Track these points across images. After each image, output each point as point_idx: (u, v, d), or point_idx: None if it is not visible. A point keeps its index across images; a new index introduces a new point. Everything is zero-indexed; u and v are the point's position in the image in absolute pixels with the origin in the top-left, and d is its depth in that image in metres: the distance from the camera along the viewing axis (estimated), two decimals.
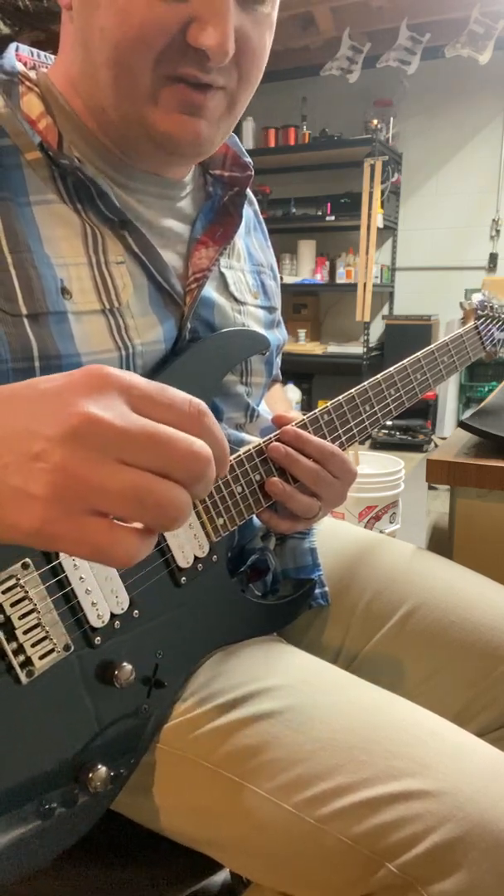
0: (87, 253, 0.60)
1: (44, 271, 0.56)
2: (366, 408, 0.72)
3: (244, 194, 0.73)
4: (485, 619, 0.72)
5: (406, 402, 0.75)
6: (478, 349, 0.86)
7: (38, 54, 0.69)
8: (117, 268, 0.61)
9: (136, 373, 0.60)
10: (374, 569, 0.79)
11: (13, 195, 0.57)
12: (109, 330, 0.59)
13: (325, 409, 0.69)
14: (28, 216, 0.57)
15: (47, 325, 0.56)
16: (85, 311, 0.58)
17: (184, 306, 0.65)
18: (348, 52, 4.08)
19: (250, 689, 0.59)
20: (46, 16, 2.95)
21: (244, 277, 0.76)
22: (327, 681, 0.62)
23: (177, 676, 0.60)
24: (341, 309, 4.95)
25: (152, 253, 0.63)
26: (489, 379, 4.34)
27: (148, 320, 0.62)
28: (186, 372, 0.64)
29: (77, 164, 0.58)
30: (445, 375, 0.79)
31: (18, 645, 0.49)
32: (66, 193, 0.60)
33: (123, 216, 0.61)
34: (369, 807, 0.52)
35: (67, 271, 0.58)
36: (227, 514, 0.63)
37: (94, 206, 0.60)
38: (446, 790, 0.51)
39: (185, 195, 0.70)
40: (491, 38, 3.74)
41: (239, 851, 0.58)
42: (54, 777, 0.52)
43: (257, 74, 0.62)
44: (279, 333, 0.82)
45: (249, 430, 0.74)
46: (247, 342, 0.70)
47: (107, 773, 0.53)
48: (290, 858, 0.54)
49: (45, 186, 0.59)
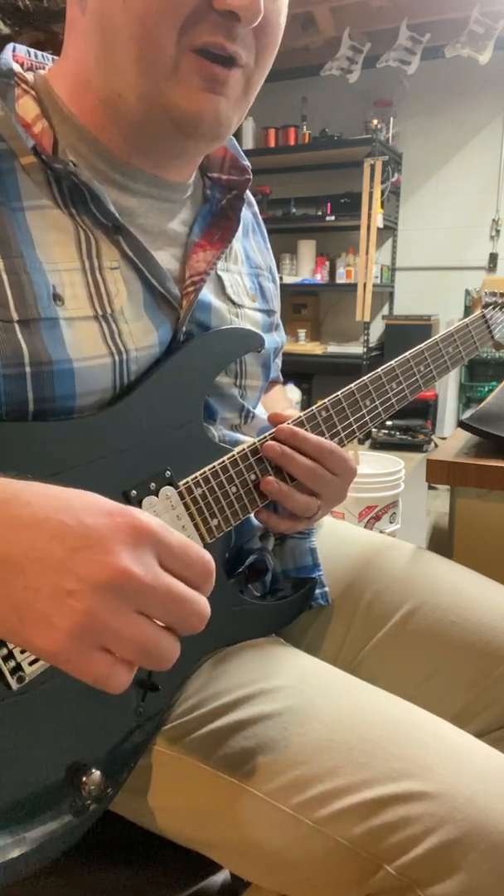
0: (81, 258, 0.59)
1: (36, 277, 0.56)
2: (366, 402, 0.70)
3: (242, 198, 0.73)
4: (485, 620, 0.72)
5: (409, 395, 0.73)
6: (485, 338, 0.84)
7: (36, 55, 0.68)
8: (111, 273, 0.61)
9: (129, 378, 0.61)
10: (375, 569, 0.79)
11: (6, 199, 0.56)
12: (102, 336, 0.59)
13: (323, 406, 0.68)
14: (21, 221, 0.57)
15: (38, 331, 0.55)
16: (77, 318, 0.58)
17: (180, 310, 0.65)
18: (348, 52, 4.08)
19: (249, 690, 0.59)
20: (46, 16, 2.95)
21: (241, 280, 0.75)
22: (326, 682, 0.62)
23: (172, 680, 0.60)
24: (341, 309, 4.95)
25: (147, 257, 0.62)
26: (489, 379, 4.34)
27: (142, 325, 0.62)
28: (179, 371, 0.63)
29: (71, 169, 0.58)
30: (450, 367, 0.77)
31: (8, 651, 0.49)
32: (61, 198, 0.59)
33: (118, 221, 0.61)
34: (368, 808, 0.51)
35: (60, 277, 0.58)
36: (222, 515, 0.63)
37: (88, 210, 0.60)
38: (445, 791, 0.51)
39: (185, 198, 0.70)
40: (491, 38, 3.74)
41: (238, 853, 0.58)
42: (49, 782, 0.51)
43: (272, 54, 0.62)
44: (277, 336, 0.82)
45: (245, 431, 0.74)
46: (240, 340, 0.69)
47: (102, 778, 0.53)
48: (289, 860, 0.54)
49: (40, 191, 0.58)
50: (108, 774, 0.54)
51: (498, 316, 0.86)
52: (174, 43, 0.56)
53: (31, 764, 0.51)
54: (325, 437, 0.68)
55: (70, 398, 0.57)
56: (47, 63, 0.69)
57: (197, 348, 0.65)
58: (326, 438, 0.67)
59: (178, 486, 0.60)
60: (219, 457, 0.63)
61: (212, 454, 0.63)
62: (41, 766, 0.51)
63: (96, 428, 0.57)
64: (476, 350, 0.82)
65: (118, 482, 0.58)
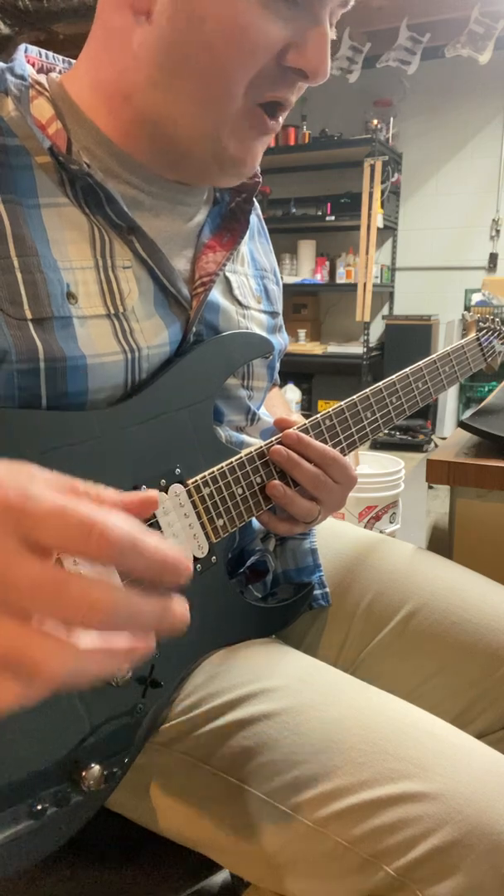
0: (95, 256, 0.60)
1: (50, 276, 0.56)
2: (367, 414, 0.72)
3: (252, 200, 0.74)
4: (486, 621, 0.72)
5: (407, 410, 0.76)
6: (479, 360, 0.88)
7: (47, 55, 0.68)
8: (124, 272, 0.61)
9: (141, 375, 0.61)
10: (375, 569, 0.79)
11: (22, 197, 0.57)
12: (115, 333, 0.59)
13: (327, 415, 0.70)
14: (37, 219, 0.57)
15: (52, 329, 0.56)
16: (90, 316, 0.58)
17: (190, 310, 0.65)
18: (348, 52, 4.08)
19: (248, 690, 0.59)
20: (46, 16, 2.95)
21: (248, 282, 0.76)
22: (325, 682, 0.62)
23: (173, 676, 0.60)
24: (341, 309, 4.95)
25: (159, 258, 0.63)
26: (489, 379, 4.33)
27: (153, 324, 0.62)
28: (189, 373, 0.64)
29: (86, 170, 0.58)
30: (446, 385, 0.81)
31: None
32: (75, 197, 0.60)
33: (132, 222, 0.61)
34: (367, 809, 0.51)
35: (74, 275, 0.58)
36: (228, 516, 0.63)
37: (102, 211, 0.60)
38: (444, 792, 0.51)
39: (199, 201, 0.70)
40: (491, 38, 3.74)
41: (237, 853, 0.58)
42: (47, 775, 0.51)
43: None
44: (281, 338, 0.83)
45: (250, 432, 0.74)
46: (250, 345, 0.70)
47: (100, 772, 0.53)
48: (288, 860, 0.54)
49: (56, 189, 0.59)
50: (107, 770, 0.54)
51: (491, 340, 0.91)
52: (242, 94, 0.58)
53: (30, 756, 0.51)
54: (328, 444, 0.69)
55: (82, 394, 0.57)
56: (58, 64, 0.69)
57: (210, 349, 0.66)
58: (329, 446, 0.68)
59: (187, 483, 0.61)
60: (227, 458, 0.64)
61: (220, 455, 0.64)
62: (40, 758, 0.51)
63: (110, 421, 0.58)
64: (470, 371, 0.87)
65: (128, 476, 0.58)
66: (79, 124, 0.62)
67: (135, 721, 0.57)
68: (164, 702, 0.60)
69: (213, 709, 0.59)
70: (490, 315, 0.95)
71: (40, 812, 0.51)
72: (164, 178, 0.66)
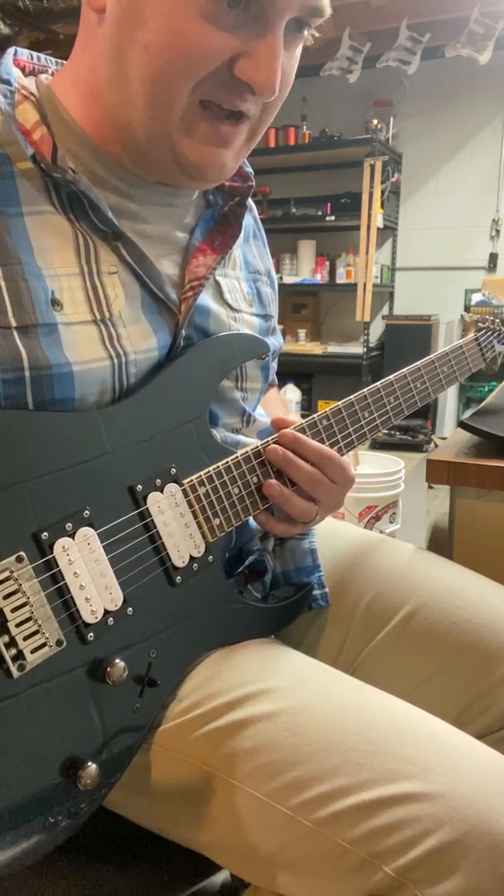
0: (80, 263, 0.59)
1: (34, 283, 0.56)
2: (364, 414, 0.72)
3: (245, 204, 0.73)
4: (486, 621, 0.72)
5: (405, 411, 0.76)
6: (478, 360, 0.88)
7: (39, 57, 0.68)
8: (109, 278, 0.61)
9: (129, 381, 0.61)
10: (375, 569, 0.79)
11: (4, 206, 0.57)
12: (101, 339, 0.59)
13: (324, 415, 0.70)
14: (19, 227, 0.57)
15: (37, 336, 0.56)
16: (76, 322, 0.58)
17: (178, 314, 0.65)
18: (348, 52, 4.08)
19: (247, 690, 0.59)
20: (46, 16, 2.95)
21: (239, 285, 0.76)
22: (324, 682, 0.62)
23: (171, 676, 0.60)
24: (341, 309, 4.95)
25: (146, 263, 0.63)
26: (489, 379, 4.33)
27: (141, 328, 0.62)
28: (183, 376, 0.64)
29: (70, 178, 0.58)
30: (445, 385, 0.81)
31: (10, 638, 0.50)
32: (60, 204, 0.59)
33: (116, 228, 0.61)
34: (367, 809, 0.51)
35: (59, 282, 0.58)
36: (224, 515, 0.63)
37: (87, 217, 0.60)
38: (444, 792, 0.51)
39: (187, 203, 0.70)
40: (491, 38, 3.74)
41: (236, 854, 0.58)
42: (44, 773, 0.51)
43: (278, 107, 0.64)
44: (275, 340, 0.83)
45: (246, 433, 0.74)
46: (245, 346, 0.70)
47: (98, 771, 0.53)
48: (287, 861, 0.54)
49: (40, 196, 0.59)
50: (104, 769, 0.54)
51: (490, 340, 0.91)
52: (187, 95, 0.57)
53: (27, 754, 0.51)
54: (325, 444, 0.68)
55: (69, 401, 0.57)
56: (50, 66, 0.68)
57: (204, 350, 0.66)
58: (326, 446, 0.68)
59: (182, 483, 0.61)
60: (222, 457, 0.64)
61: (216, 454, 0.64)
62: (37, 756, 0.51)
63: (104, 423, 0.58)
64: (469, 371, 0.87)
65: (124, 477, 0.58)
66: (64, 127, 0.62)
67: (132, 720, 0.57)
68: (162, 701, 0.60)
69: (212, 710, 0.59)
70: (490, 315, 0.95)
71: (39, 812, 0.51)
72: (146, 181, 0.65)
